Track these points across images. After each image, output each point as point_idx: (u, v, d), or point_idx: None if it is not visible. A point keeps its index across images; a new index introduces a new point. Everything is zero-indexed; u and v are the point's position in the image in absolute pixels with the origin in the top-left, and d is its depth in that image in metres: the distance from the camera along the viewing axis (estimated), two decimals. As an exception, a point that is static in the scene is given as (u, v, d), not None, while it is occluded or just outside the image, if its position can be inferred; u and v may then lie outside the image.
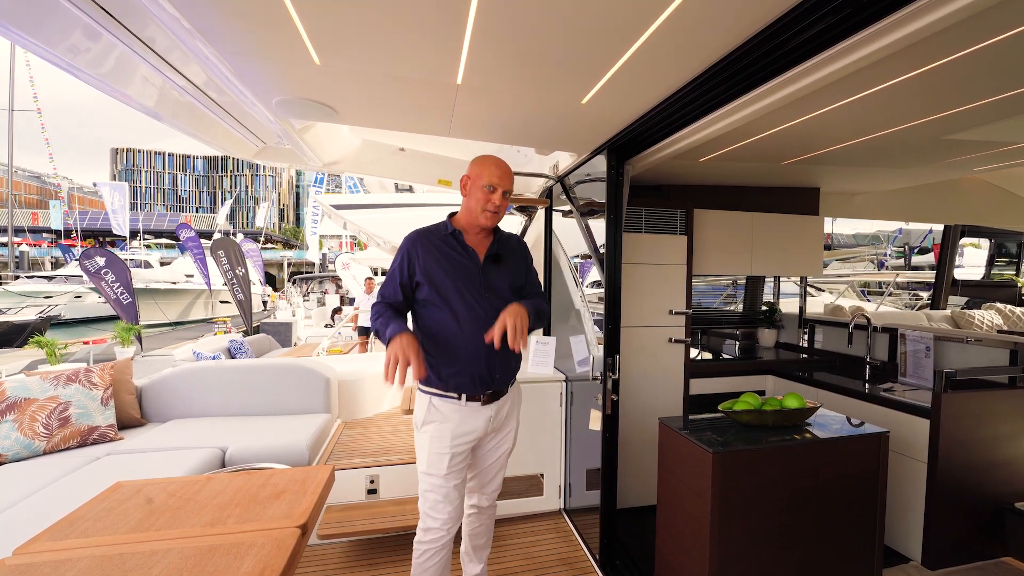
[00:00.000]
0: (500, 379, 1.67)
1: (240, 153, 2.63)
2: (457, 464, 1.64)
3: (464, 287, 1.62)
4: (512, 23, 1.24)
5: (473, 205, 1.66)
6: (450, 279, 1.61)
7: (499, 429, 1.74)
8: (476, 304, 1.62)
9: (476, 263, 1.66)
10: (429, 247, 1.65)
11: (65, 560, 1.09)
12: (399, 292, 1.65)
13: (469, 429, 1.65)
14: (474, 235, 1.70)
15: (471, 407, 1.64)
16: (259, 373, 2.87)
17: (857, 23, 1.12)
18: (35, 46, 1.51)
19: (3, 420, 2.16)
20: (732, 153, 2.37)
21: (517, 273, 1.76)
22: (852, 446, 1.73)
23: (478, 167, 1.68)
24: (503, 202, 1.66)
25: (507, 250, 1.75)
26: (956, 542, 2.09)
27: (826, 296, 8.55)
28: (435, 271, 1.62)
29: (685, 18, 1.19)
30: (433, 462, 1.63)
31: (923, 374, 2.45)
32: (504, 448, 1.78)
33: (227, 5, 1.22)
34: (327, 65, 1.52)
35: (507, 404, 1.75)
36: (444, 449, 1.62)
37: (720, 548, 1.59)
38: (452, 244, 1.67)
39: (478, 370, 1.62)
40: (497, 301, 1.63)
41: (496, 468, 1.80)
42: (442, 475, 1.62)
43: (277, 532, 1.23)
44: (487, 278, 1.66)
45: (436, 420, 1.64)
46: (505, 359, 1.66)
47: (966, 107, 1.79)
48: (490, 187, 1.63)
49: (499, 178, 1.65)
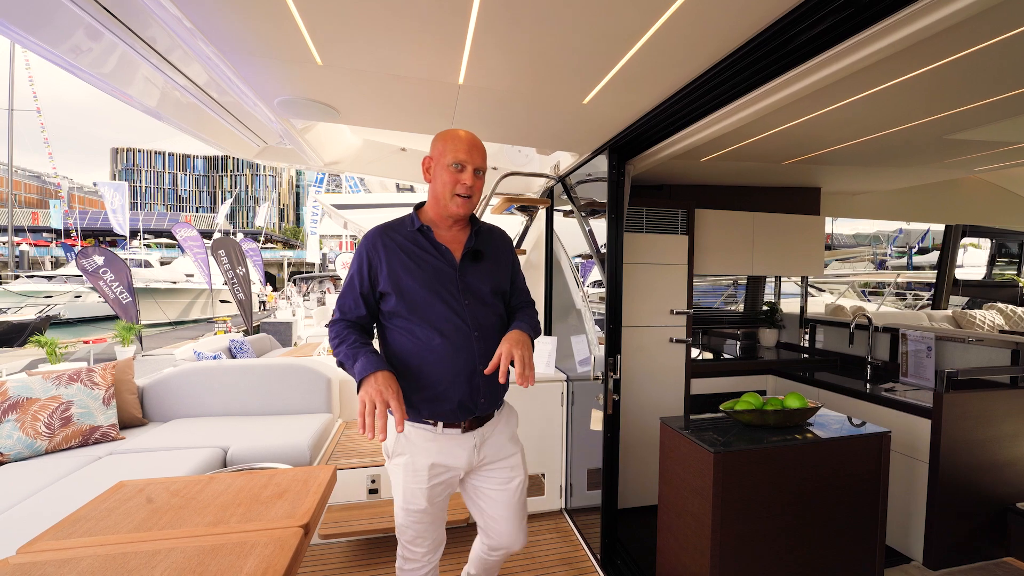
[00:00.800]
0: (485, 404, 1.39)
1: (241, 153, 2.63)
2: (438, 495, 1.40)
3: (438, 295, 1.33)
4: (514, 23, 1.24)
5: (439, 190, 1.35)
6: (420, 285, 1.32)
7: (495, 461, 1.44)
8: (454, 315, 1.33)
9: (451, 263, 1.37)
10: (392, 248, 1.35)
11: (68, 559, 1.09)
12: (361, 305, 1.36)
13: (448, 462, 1.37)
14: (446, 229, 1.42)
15: (449, 435, 1.37)
16: (260, 373, 2.87)
17: (858, 23, 1.12)
18: (37, 46, 1.51)
19: (5, 420, 2.16)
20: (733, 153, 2.37)
21: (500, 273, 1.47)
22: (853, 446, 1.73)
23: (440, 143, 1.37)
24: (476, 182, 1.35)
25: (488, 245, 1.46)
26: (958, 542, 2.09)
27: (826, 296, 8.56)
28: (401, 277, 1.33)
29: (687, 17, 1.19)
30: (411, 496, 1.38)
31: (924, 374, 2.46)
32: (514, 484, 1.46)
33: (230, 5, 1.22)
34: (329, 65, 1.53)
35: (496, 429, 1.44)
36: (421, 483, 1.36)
37: (722, 548, 1.59)
38: (420, 242, 1.37)
39: (459, 395, 1.33)
40: (480, 308, 1.37)
41: (517, 512, 1.47)
42: (421, 509, 1.38)
43: (280, 532, 1.23)
44: (465, 281, 1.37)
45: (407, 452, 1.37)
46: (492, 379, 1.36)
47: (968, 107, 1.79)
48: (457, 164, 1.33)
49: (466, 151, 1.33)
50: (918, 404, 2.14)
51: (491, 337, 1.39)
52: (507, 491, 1.45)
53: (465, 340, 1.34)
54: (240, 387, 2.83)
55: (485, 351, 1.36)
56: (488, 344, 1.37)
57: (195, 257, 11.54)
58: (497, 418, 1.46)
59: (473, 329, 1.35)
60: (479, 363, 1.35)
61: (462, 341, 1.33)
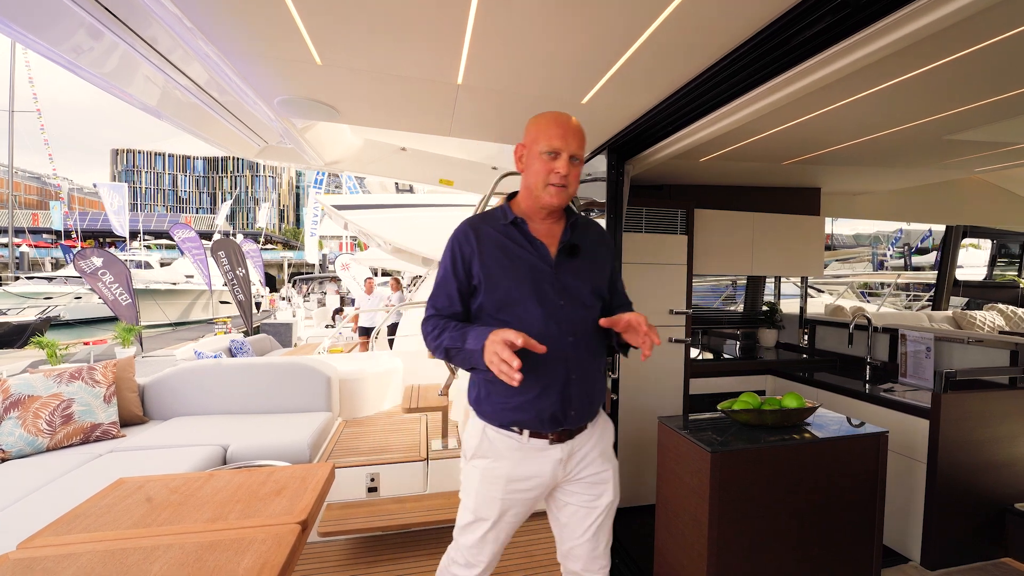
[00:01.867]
0: (576, 416, 1.26)
1: (242, 152, 2.64)
2: (512, 510, 1.28)
3: (531, 294, 1.22)
4: (512, 23, 1.25)
5: (532, 180, 1.25)
6: (512, 282, 1.22)
7: (586, 481, 1.31)
8: (550, 316, 1.22)
9: (547, 259, 1.26)
10: (484, 240, 1.26)
11: (67, 555, 1.09)
12: (456, 301, 1.27)
13: (531, 473, 1.26)
14: (540, 221, 1.30)
15: (534, 445, 1.25)
16: (261, 372, 2.87)
17: (855, 24, 1.12)
18: (39, 45, 1.52)
19: (7, 417, 2.17)
20: (733, 153, 2.38)
21: (600, 273, 1.33)
22: (851, 446, 1.74)
23: (533, 129, 1.25)
24: (572, 170, 1.22)
25: (586, 240, 1.33)
26: (956, 542, 2.09)
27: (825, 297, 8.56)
28: (493, 272, 1.23)
29: (685, 17, 1.19)
30: (483, 504, 1.27)
31: (923, 374, 2.46)
32: (602, 503, 1.32)
33: (230, 5, 1.23)
34: (328, 65, 1.53)
35: (588, 445, 1.31)
36: (496, 493, 1.25)
37: (719, 547, 1.59)
38: (513, 236, 1.27)
39: (549, 405, 1.22)
40: (576, 310, 1.25)
41: (599, 535, 1.34)
42: (491, 521, 1.27)
43: (277, 528, 1.23)
44: (561, 279, 1.25)
45: (488, 456, 1.27)
46: (587, 390, 1.26)
47: (967, 107, 1.80)
48: (551, 152, 1.21)
49: (562, 138, 1.20)
50: (917, 404, 2.14)
51: (587, 344, 1.26)
52: (593, 509, 1.32)
53: (558, 346, 1.21)
54: (240, 386, 2.83)
55: (580, 358, 1.25)
56: (584, 350, 1.25)
57: (194, 258, 11.56)
58: (591, 431, 1.32)
59: (568, 334, 1.23)
60: (572, 371, 1.23)
61: (555, 347, 1.19)
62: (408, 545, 2.27)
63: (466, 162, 3.20)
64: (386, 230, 6.02)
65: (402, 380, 3.87)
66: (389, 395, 3.65)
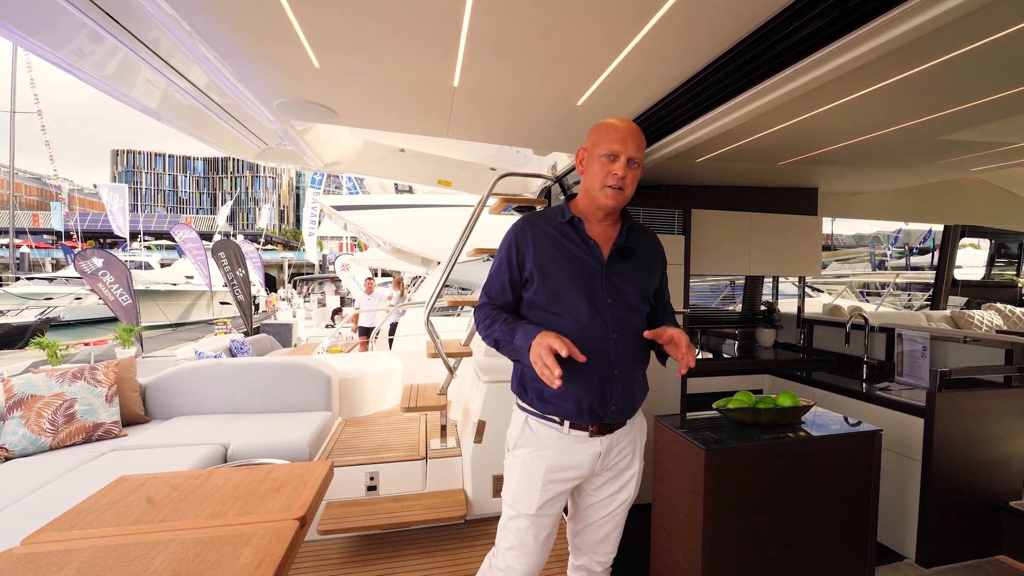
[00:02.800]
0: (616, 412, 1.30)
1: (242, 154, 2.66)
2: (551, 507, 1.32)
3: (581, 289, 1.27)
4: (506, 26, 1.27)
5: (590, 183, 1.30)
6: (564, 277, 1.28)
7: (613, 471, 1.37)
8: (596, 312, 1.26)
9: (599, 259, 1.31)
10: (540, 236, 1.32)
11: (71, 550, 1.11)
12: (508, 291, 1.34)
13: (570, 463, 1.31)
14: (597, 223, 1.35)
15: (575, 436, 1.30)
16: (261, 371, 2.89)
17: (845, 26, 1.14)
18: (42, 49, 1.54)
19: (10, 416, 2.19)
20: (730, 153, 2.39)
21: (649, 278, 1.38)
22: (845, 444, 1.75)
23: (594, 134, 1.31)
24: (630, 173, 1.26)
25: (640, 246, 1.38)
26: (950, 540, 2.11)
27: (824, 297, 8.56)
28: (547, 265, 1.29)
29: (676, 21, 1.21)
30: (521, 496, 1.32)
31: (919, 373, 2.47)
32: (622, 499, 1.39)
33: (227, 10, 1.25)
34: (326, 68, 1.55)
35: (625, 440, 1.36)
36: (536, 483, 1.30)
37: (713, 545, 1.61)
38: (569, 234, 1.32)
39: (589, 398, 1.27)
40: (622, 310, 1.29)
41: (612, 524, 1.41)
42: (530, 514, 1.31)
43: (276, 524, 1.25)
44: (611, 279, 1.30)
45: (531, 445, 1.33)
46: (627, 387, 1.30)
47: (961, 107, 1.81)
48: (610, 155, 1.25)
49: (621, 142, 1.25)
50: (912, 403, 2.16)
51: (630, 342, 1.30)
52: (612, 501, 1.39)
53: (602, 341, 1.26)
54: (241, 385, 2.85)
55: (622, 355, 1.29)
56: (626, 349, 1.29)
57: (194, 259, 11.58)
58: (629, 427, 1.38)
59: (612, 331, 1.27)
60: (615, 366, 1.28)
61: (598, 341, 1.25)
62: (407, 543, 2.29)
63: (464, 163, 3.22)
64: (386, 230, 6.04)
65: (401, 380, 3.89)
66: (388, 395, 3.67)
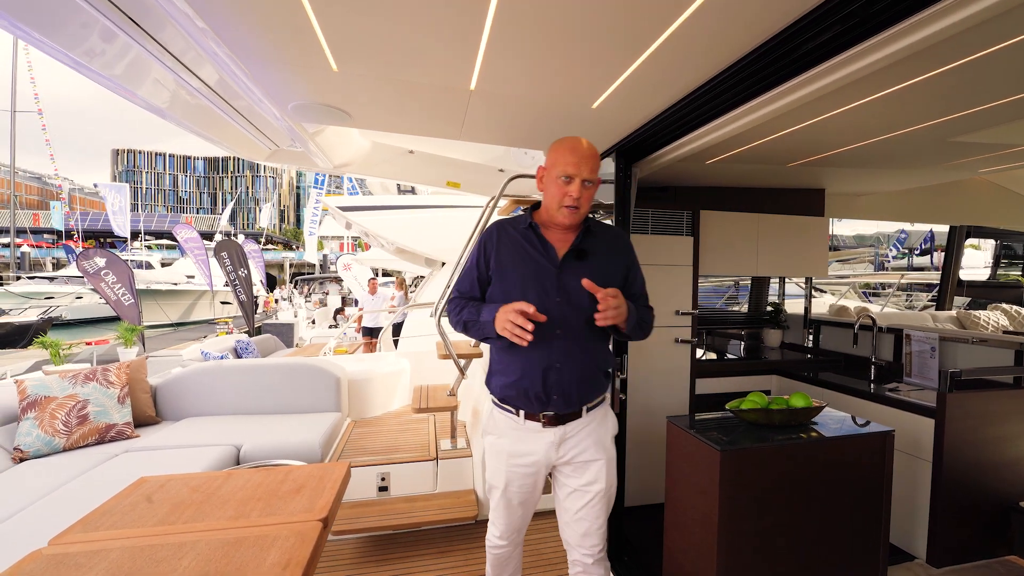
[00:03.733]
0: (559, 401, 1.40)
1: (253, 155, 2.67)
2: (516, 483, 1.47)
3: (532, 288, 1.38)
4: (528, 31, 1.27)
5: (549, 201, 1.41)
6: (518, 276, 1.40)
7: (578, 463, 1.45)
8: (543, 309, 1.34)
9: (553, 260, 1.41)
10: (505, 240, 1.45)
11: (98, 551, 1.12)
12: (476, 288, 1.49)
13: (525, 451, 1.43)
14: (557, 227, 1.46)
15: (529, 427, 1.42)
16: (271, 372, 2.90)
17: (869, 29, 1.14)
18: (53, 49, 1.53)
19: (24, 417, 2.20)
20: (740, 155, 2.40)
21: (610, 273, 1.45)
22: (857, 444, 1.76)
23: (552, 154, 1.41)
24: (584, 193, 1.36)
25: (598, 245, 1.46)
26: (961, 540, 2.12)
27: (828, 298, 8.57)
28: (506, 266, 1.42)
29: (698, 24, 1.21)
30: (493, 474, 1.50)
31: (928, 374, 2.48)
32: (595, 491, 1.45)
33: (251, 14, 1.26)
34: (344, 71, 1.56)
35: (582, 433, 1.44)
36: (501, 466, 1.47)
37: (727, 545, 1.62)
38: (530, 238, 1.44)
39: (533, 387, 1.39)
40: (570, 308, 1.38)
41: (591, 516, 1.47)
42: (500, 488, 1.49)
43: (300, 525, 1.26)
44: (563, 279, 1.39)
45: (494, 433, 1.50)
46: (570, 379, 1.40)
47: (973, 110, 1.82)
48: (565, 177, 1.35)
49: (575, 165, 1.35)
50: (922, 404, 2.17)
51: (575, 337, 1.39)
52: (586, 493, 1.45)
53: (544, 336, 1.35)
54: (251, 386, 2.86)
55: (566, 350, 1.39)
56: (571, 344, 1.39)
57: (196, 258, 11.59)
58: (586, 420, 1.46)
59: (556, 327, 1.37)
60: (556, 359, 1.38)
61: (541, 336, 1.33)
62: (419, 544, 2.30)
63: (473, 164, 3.23)
64: (390, 231, 6.05)
65: (409, 381, 3.90)
66: (397, 395, 3.68)
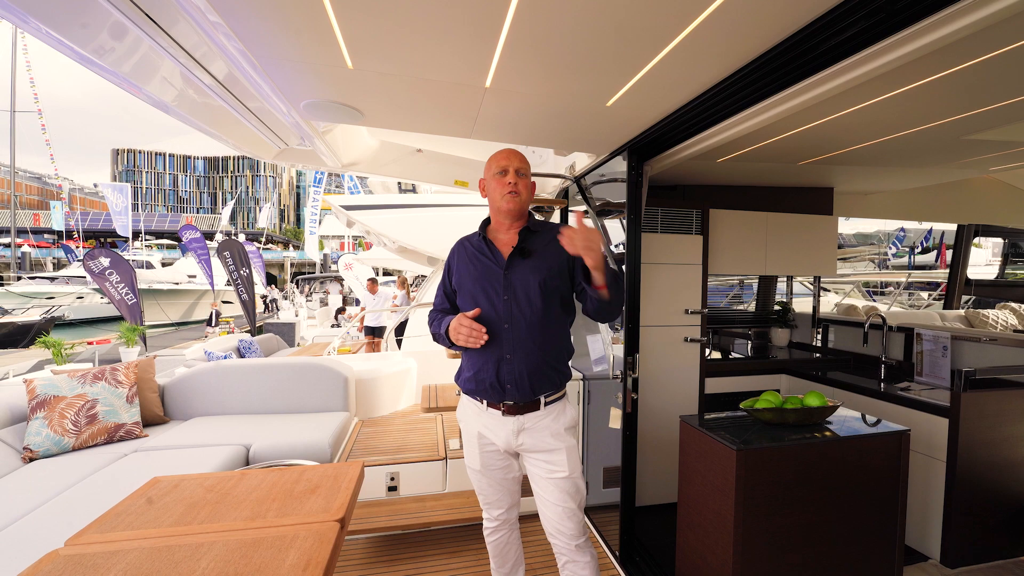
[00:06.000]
0: (513, 390, 1.52)
1: (261, 154, 2.66)
2: (490, 464, 1.63)
3: (483, 290, 1.54)
4: (547, 28, 1.26)
5: (493, 197, 1.60)
6: (472, 282, 1.57)
7: (538, 452, 1.57)
8: (491, 307, 1.53)
9: (500, 263, 1.56)
10: (463, 254, 1.65)
11: (116, 551, 1.11)
12: (445, 300, 1.69)
13: (490, 436, 1.59)
14: (504, 233, 1.62)
15: (491, 414, 1.57)
16: (279, 372, 2.89)
17: (894, 24, 1.13)
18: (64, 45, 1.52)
19: (34, 417, 2.19)
20: (751, 153, 2.39)
21: (553, 266, 1.56)
22: (873, 444, 1.75)
23: (487, 164, 1.64)
24: (520, 180, 1.57)
25: (540, 241, 1.60)
26: (975, 541, 2.11)
27: (832, 296, 8.57)
28: (464, 276, 1.61)
29: (721, 19, 1.20)
30: (468, 455, 1.67)
31: (940, 373, 2.47)
32: (556, 478, 1.55)
33: (269, 11, 1.24)
34: (359, 69, 1.54)
35: (540, 422, 1.56)
36: (473, 447, 1.64)
37: (744, 545, 1.61)
38: (482, 247, 1.61)
39: (487, 377, 1.53)
40: (515, 304, 1.52)
41: (552, 500, 1.56)
42: (477, 469, 1.65)
43: (317, 526, 1.25)
44: (510, 277, 1.54)
45: (464, 419, 1.67)
46: (521, 369, 1.52)
47: (988, 108, 1.81)
48: (500, 171, 1.58)
49: (506, 158, 1.58)
50: (936, 403, 2.16)
51: (522, 328, 1.52)
52: (550, 482, 1.57)
53: (495, 330, 1.52)
54: (259, 386, 2.85)
55: (515, 341, 1.52)
56: (518, 334, 1.52)
57: (199, 258, 11.58)
58: (544, 412, 1.57)
59: (504, 322, 1.52)
60: (506, 351, 1.52)
61: (492, 331, 1.51)
62: (428, 544, 2.29)
63: (481, 163, 3.20)
64: (393, 229, 6.04)
65: (416, 380, 3.89)
66: (404, 395, 3.67)
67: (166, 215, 58.82)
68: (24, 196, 58.41)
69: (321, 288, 21.27)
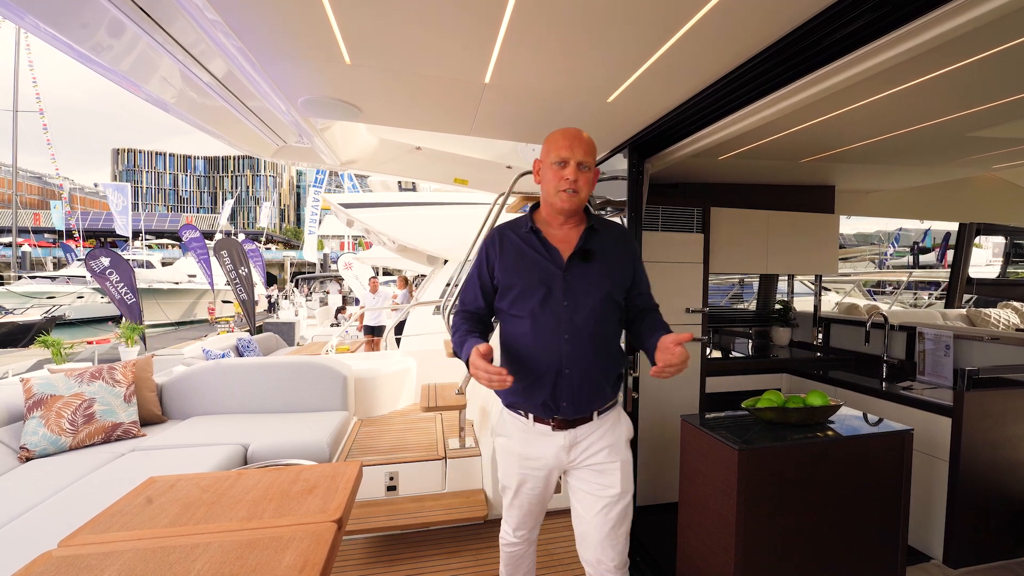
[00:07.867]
0: (568, 408, 1.35)
1: (259, 152, 2.64)
2: (528, 484, 1.44)
3: (538, 293, 1.34)
4: (547, 23, 1.24)
5: (547, 190, 1.38)
6: (524, 282, 1.36)
7: (591, 466, 1.40)
8: (551, 314, 1.33)
9: (558, 263, 1.36)
10: (508, 246, 1.41)
11: (109, 552, 1.10)
12: (479, 297, 1.44)
13: (536, 454, 1.40)
14: (558, 227, 1.41)
15: (539, 430, 1.39)
16: (277, 371, 2.88)
17: (892, 21, 1.12)
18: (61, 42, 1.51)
19: (31, 416, 2.17)
20: (752, 151, 2.38)
21: (617, 275, 1.41)
22: (876, 444, 1.73)
23: (545, 144, 1.40)
24: (581, 175, 1.34)
25: (603, 244, 1.41)
26: (978, 541, 2.09)
27: (832, 295, 8.55)
28: (512, 273, 1.37)
29: (720, 17, 1.19)
30: (505, 475, 1.47)
31: (942, 372, 2.46)
32: (609, 494, 1.37)
33: (265, 7, 1.23)
34: (357, 64, 1.53)
35: (594, 436, 1.40)
36: (513, 468, 1.44)
37: (746, 545, 1.59)
38: (532, 242, 1.39)
39: (542, 394, 1.35)
40: (578, 312, 1.34)
41: (604, 525, 1.37)
42: (512, 489, 1.47)
43: (314, 526, 1.24)
44: (570, 281, 1.35)
45: (504, 435, 1.47)
46: (580, 385, 1.35)
47: (992, 104, 1.79)
48: (560, 162, 1.34)
49: (568, 148, 1.33)
50: (938, 402, 2.14)
51: (584, 340, 1.34)
52: (601, 498, 1.38)
53: (553, 340, 1.33)
54: (257, 385, 2.84)
55: (573, 354, 1.34)
56: (579, 347, 1.34)
57: (198, 258, 11.57)
58: (598, 423, 1.41)
59: (565, 332, 1.33)
60: (565, 365, 1.33)
61: (550, 340, 1.33)
62: (427, 544, 2.28)
63: (480, 161, 3.20)
64: (393, 228, 6.03)
65: (415, 379, 3.87)
66: (403, 394, 3.66)
67: (166, 215, 58.85)
68: (25, 196, 58.43)
69: (321, 288, 21.26)
